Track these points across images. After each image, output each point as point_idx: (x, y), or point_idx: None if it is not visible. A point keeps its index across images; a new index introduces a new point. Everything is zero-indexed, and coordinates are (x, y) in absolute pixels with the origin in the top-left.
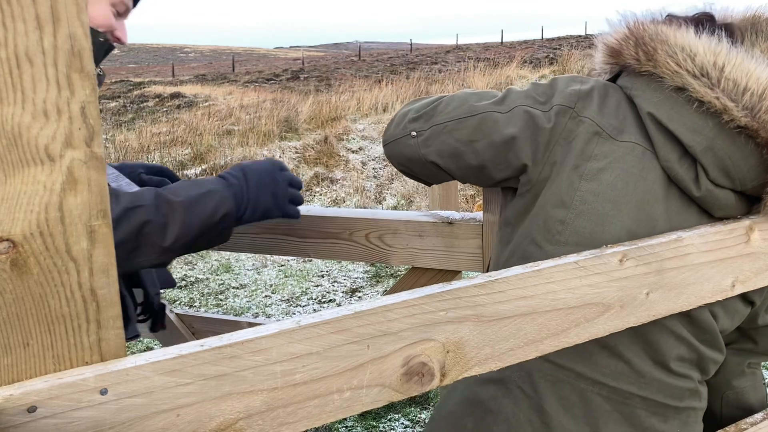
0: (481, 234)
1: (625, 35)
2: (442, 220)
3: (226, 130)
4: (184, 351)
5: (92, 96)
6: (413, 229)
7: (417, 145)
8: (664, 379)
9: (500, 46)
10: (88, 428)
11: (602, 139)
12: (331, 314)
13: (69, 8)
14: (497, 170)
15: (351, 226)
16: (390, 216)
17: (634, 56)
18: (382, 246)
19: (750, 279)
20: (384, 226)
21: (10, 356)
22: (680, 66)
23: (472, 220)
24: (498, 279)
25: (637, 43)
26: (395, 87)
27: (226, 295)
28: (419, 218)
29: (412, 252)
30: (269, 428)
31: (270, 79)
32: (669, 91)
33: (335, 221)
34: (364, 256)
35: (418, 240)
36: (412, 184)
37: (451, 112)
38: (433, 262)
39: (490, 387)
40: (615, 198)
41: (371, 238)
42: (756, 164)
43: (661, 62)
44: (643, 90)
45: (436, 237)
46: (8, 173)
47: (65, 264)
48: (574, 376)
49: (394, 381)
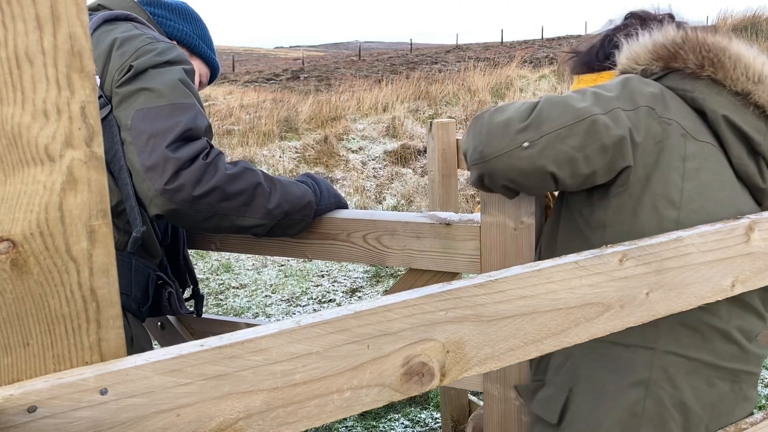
0: (479, 236)
1: (677, 40)
2: (440, 221)
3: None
4: (184, 351)
5: (92, 96)
6: (411, 230)
7: (532, 156)
8: (756, 351)
9: (500, 46)
10: (88, 428)
11: (688, 141)
12: (331, 314)
13: (69, 8)
14: (604, 174)
15: (348, 227)
16: (388, 217)
17: (696, 62)
18: (380, 247)
19: (750, 279)
20: (381, 227)
21: (10, 356)
22: (744, 74)
23: (469, 221)
24: (498, 279)
25: (700, 50)
26: (395, 87)
27: (226, 295)
28: (417, 219)
29: (410, 253)
30: (269, 428)
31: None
32: (730, 96)
33: (333, 222)
34: (362, 257)
35: (416, 241)
36: (412, 184)
37: (559, 118)
38: (430, 264)
39: (632, 392)
40: (714, 196)
41: (369, 239)
42: None
43: (728, 69)
44: (708, 93)
45: (433, 238)
46: (8, 173)
47: (65, 264)
48: (703, 365)
49: (394, 381)
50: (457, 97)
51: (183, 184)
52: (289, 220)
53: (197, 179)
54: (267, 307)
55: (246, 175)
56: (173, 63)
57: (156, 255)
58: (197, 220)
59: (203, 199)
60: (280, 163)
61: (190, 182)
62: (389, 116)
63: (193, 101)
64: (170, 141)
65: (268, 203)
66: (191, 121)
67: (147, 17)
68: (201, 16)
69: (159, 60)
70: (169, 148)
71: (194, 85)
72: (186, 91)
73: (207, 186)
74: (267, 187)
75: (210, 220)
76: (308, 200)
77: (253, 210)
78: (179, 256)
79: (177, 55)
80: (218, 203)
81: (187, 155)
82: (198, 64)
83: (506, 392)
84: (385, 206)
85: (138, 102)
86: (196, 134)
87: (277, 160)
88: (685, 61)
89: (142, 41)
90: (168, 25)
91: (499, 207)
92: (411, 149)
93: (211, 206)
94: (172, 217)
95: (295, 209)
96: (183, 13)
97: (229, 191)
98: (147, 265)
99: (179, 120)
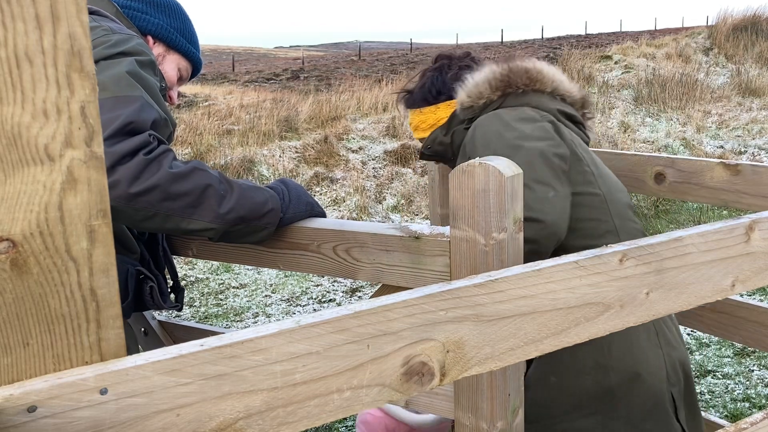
0: (449, 251)
1: (505, 72)
2: (410, 234)
3: (226, 130)
4: (184, 351)
5: (92, 96)
6: (380, 242)
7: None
8: None
9: (500, 46)
10: (88, 428)
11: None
12: (331, 314)
13: (69, 8)
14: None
15: (319, 238)
16: (357, 228)
17: (524, 82)
18: (350, 260)
19: (750, 278)
20: (351, 238)
21: (10, 356)
22: (551, 81)
23: (440, 235)
24: (498, 279)
25: (524, 74)
26: (395, 86)
27: (226, 295)
28: (386, 231)
29: (379, 268)
30: (269, 428)
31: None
32: (549, 97)
33: (302, 232)
34: (333, 270)
35: (385, 255)
36: (412, 184)
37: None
38: (400, 280)
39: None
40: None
41: (338, 251)
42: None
43: (544, 81)
44: (538, 99)
45: (402, 252)
46: (8, 173)
47: (65, 264)
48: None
49: (394, 381)
50: None
51: (118, 180)
52: (247, 226)
53: (134, 176)
54: (267, 307)
55: (194, 175)
56: (125, 54)
57: (134, 250)
58: (136, 219)
59: (141, 197)
60: (280, 162)
61: (126, 178)
62: (389, 116)
63: (140, 93)
64: (108, 135)
65: (219, 207)
66: (133, 114)
67: (115, 11)
68: (185, 10)
69: (109, 52)
70: (107, 143)
71: (152, 78)
72: (132, 83)
73: (146, 184)
74: (220, 189)
75: (151, 220)
76: (271, 207)
77: (200, 213)
78: (158, 248)
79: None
80: (159, 203)
81: (124, 150)
82: (176, 58)
83: (478, 423)
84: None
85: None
86: (139, 128)
87: (277, 160)
88: (517, 84)
89: (96, 33)
90: (141, 18)
91: (468, 221)
92: (411, 149)
93: (152, 205)
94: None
95: (253, 215)
96: (161, 5)
97: (172, 191)
98: (125, 260)
99: (120, 113)
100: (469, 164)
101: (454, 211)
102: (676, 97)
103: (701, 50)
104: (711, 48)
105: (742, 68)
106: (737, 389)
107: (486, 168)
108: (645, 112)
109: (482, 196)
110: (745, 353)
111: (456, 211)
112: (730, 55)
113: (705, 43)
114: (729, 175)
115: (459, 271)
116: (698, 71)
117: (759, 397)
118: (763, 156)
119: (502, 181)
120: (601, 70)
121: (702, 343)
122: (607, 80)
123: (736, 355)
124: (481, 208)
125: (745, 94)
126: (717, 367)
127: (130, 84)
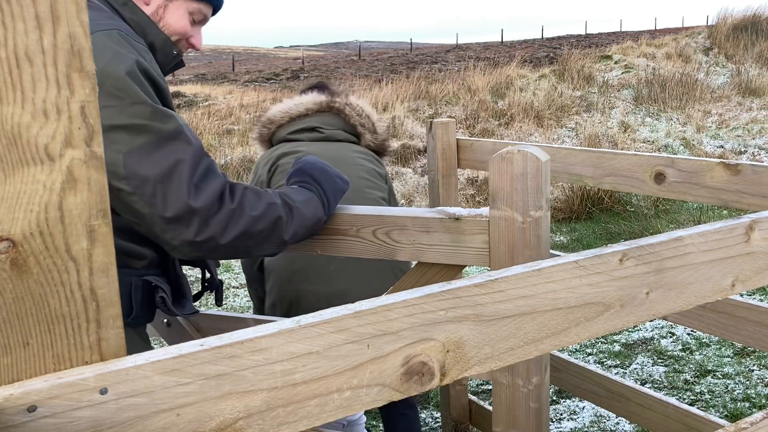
0: (488, 230)
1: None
2: (449, 216)
3: (226, 130)
4: (184, 351)
5: (92, 95)
6: (421, 225)
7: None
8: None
9: (500, 46)
10: (88, 428)
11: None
12: (331, 314)
13: (68, 7)
14: None
15: (359, 223)
16: (397, 213)
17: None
18: (390, 242)
19: (750, 278)
20: (391, 222)
21: (10, 356)
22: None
23: (478, 216)
24: (498, 279)
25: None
26: (395, 86)
27: (226, 295)
28: (426, 215)
29: (419, 247)
30: (269, 428)
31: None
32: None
33: (343, 218)
34: (372, 251)
35: (425, 236)
36: (412, 184)
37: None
38: (440, 257)
39: None
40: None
41: (378, 234)
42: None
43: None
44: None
45: (443, 233)
46: (8, 173)
47: (65, 263)
48: None
49: (394, 380)
50: (457, 96)
51: (212, 236)
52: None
53: (224, 227)
54: None
55: (269, 212)
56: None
57: (140, 256)
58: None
59: (229, 244)
60: None
61: (219, 232)
62: (389, 116)
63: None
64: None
65: (284, 234)
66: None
67: None
68: None
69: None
70: (191, 198)
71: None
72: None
73: (234, 233)
74: (285, 218)
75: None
76: (318, 217)
77: (269, 243)
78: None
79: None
80: (241, 244)
81: (209, 200)
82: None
83: (514, 380)
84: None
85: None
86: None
87: None
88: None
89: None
90: None
91: (507, 201)
92: (411, 149)
93: (235, 248)
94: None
95: (307, 232)
96: None
97: (253, 232)
98: (128, 273)
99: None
100: (508, 151)
101: (494, 193)
102: (676, 97)
103: (701, 50)
104: (711, 48)
105: (742, 68)
106: (737, 389)
107: (524, 155)
108: (645, 111)
109: (521, 179)
110: (745, 353)
111: (495, 194)
112: (730, 54)
113: (705, 43)
114: (729, 175)
115: (497, 247)
116: (698, 71)
117: (759, 397)
118: (763, 156)
119: (539, 166)
120: (601, 70)
121: (702, 343)
122: (607, 80)
123: (736, 355)
124: (520, 190)
125: (745, 93)
126: (717, 367)
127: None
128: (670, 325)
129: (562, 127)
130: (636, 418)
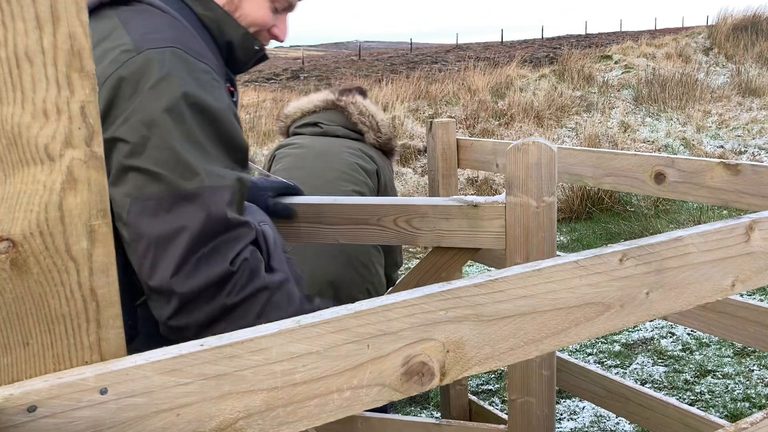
0: (504, 214)
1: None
2: (468, 203)
3: None
4: (184, 350)
5: (92, 95)
6: (441, 212)
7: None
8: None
9: (500, 46)
10: (88, 428)
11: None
12: (331, 314)
13: (69, 7)
14: None
15: (380, 212)
16: (417, 201)
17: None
18: (410, 229)
19: (750, 278)
20: (412, 210)
21: (10, 356)
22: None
23: (494, 202)
24: (498, 278)
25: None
26: (395, 86)
27: None
28: (445, 203)
29: (439, 233)
30: (269, 428)
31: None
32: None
33: (364, 208)
34: (392, 238)
35: (445, 222)
36: (412, 184)
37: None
38: (459, 242)
39: None
40: None
41: (399, 222)
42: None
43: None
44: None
45: (461, 219)
46: (8, 173)
47: (65, 264)
48: None
49: (394, 380)
50: (457, 96)
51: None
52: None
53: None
54: None
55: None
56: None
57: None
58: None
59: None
60: None
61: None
62: (389, 116)
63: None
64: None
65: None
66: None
67: None
68: None
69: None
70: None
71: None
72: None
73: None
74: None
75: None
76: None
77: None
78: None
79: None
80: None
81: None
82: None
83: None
84: None
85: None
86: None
87: None
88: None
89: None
90: None
91: (523, 188)
92: (411, 149)
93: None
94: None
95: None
96: None
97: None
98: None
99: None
100: (524, 143)
101: (510, 181)
102: (676, 97)
103: (701, 50)
104: (711, 48)
105: (742, 68)
106: (737, 389)
107: (539, 146)
108: (645, 111)
109: (535, 168)
110: (745, 353)
111: (512, 181)
112: (730, 55)
113: (705, 43)
114: (729, 175)
115: (513, 230)
116: (698, 71)
117: (759, 397)
118: (763, 156)
119: (552, 156)
120: (601, 70)
121: (702, 343)
122: (607, 80)
123: (736, 355)
124: (535, 178)
125: (745, 93)
126: (717, 367)
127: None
128: (670, 325)
129: (562, 127)
130: (636, 418)
